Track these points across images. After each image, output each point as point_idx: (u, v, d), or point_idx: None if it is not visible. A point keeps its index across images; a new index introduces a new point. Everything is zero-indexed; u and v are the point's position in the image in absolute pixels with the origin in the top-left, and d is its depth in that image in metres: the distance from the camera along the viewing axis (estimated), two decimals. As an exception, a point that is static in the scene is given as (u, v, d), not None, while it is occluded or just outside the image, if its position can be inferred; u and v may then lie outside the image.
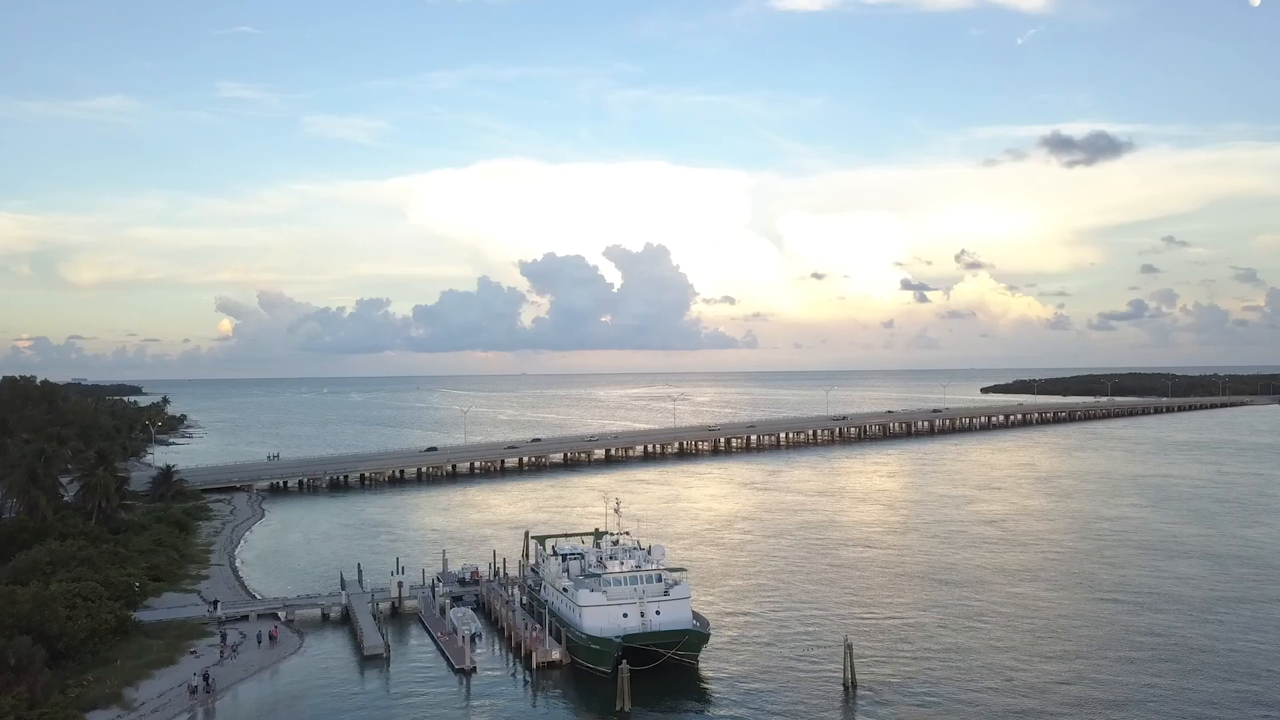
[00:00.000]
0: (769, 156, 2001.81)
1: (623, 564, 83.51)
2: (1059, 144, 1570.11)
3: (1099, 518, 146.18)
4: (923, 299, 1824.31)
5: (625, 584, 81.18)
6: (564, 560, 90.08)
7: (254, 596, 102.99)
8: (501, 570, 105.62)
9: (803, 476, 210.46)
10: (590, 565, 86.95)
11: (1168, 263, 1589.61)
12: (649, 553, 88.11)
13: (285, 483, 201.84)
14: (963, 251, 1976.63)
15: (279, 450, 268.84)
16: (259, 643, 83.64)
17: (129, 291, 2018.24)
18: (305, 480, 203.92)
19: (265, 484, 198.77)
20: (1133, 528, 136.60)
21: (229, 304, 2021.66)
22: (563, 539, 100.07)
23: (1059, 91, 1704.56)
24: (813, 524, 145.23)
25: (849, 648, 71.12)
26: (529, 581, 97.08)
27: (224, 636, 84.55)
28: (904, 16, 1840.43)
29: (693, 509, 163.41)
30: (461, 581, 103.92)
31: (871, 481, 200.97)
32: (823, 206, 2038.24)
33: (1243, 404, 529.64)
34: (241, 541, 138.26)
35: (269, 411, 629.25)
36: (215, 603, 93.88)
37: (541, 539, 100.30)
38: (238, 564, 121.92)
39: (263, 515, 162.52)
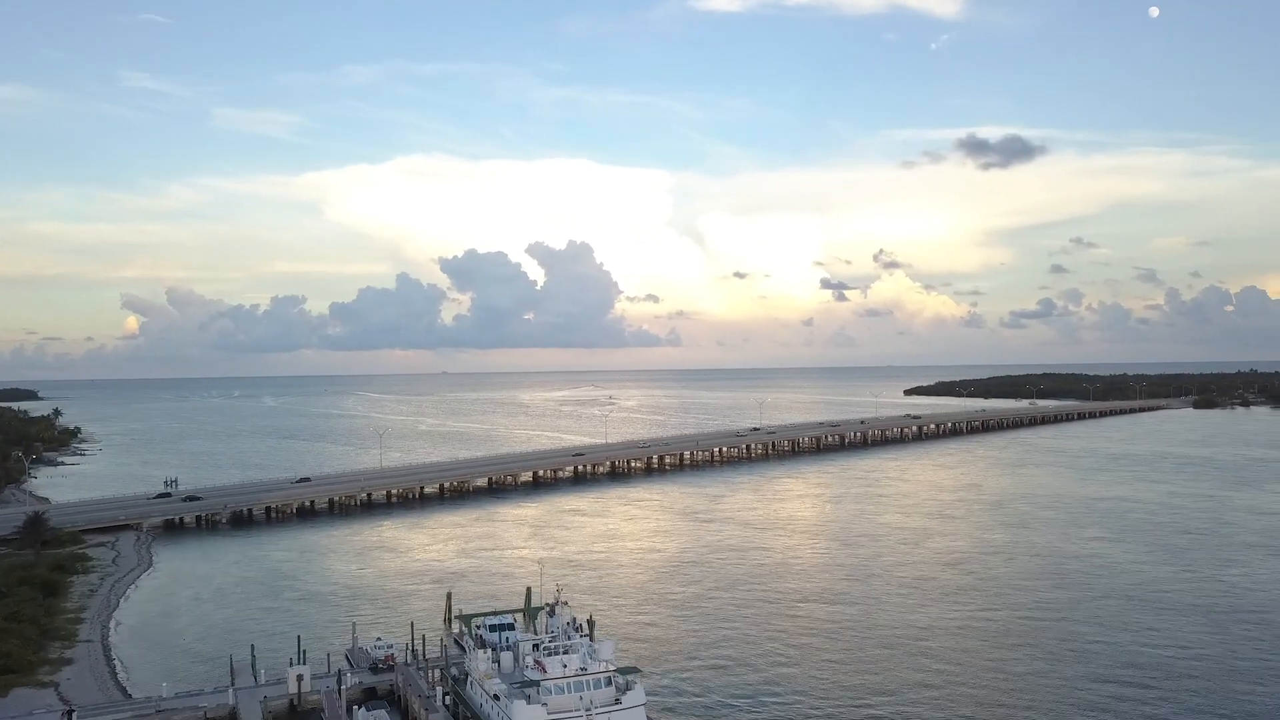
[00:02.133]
0: (691, 156, 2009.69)
1: (566, 665, 69.75)
2: (974, 147, 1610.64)
3: (1066, 555, 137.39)
4: (841, 298, 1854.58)
5: (569, 691, 67.77)
6: (494, 651, 76.22)
7: (123, 691, 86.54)
8: (421, 651, 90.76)
9: (746, 503, 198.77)
10: (526, 660, 73.11)
11: (1075, 263, 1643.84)
12: (594, 643, 74.47)
13: (181, 519, 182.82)
14: (880, 251, 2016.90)
15: (178, 474, 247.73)
16: (119, 771, 68.09)
17: (27, 288, 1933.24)
18: (203, 515, 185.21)
19: (158, 520, 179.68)
20: (1104, 569, 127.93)
21: (135, 301, 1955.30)
22: (492, 615, 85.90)
23: (974, 96, 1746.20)
24: (767, 569, 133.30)
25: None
26: (453, 670, 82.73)
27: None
28: (821, 19, 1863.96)
29: (633, 551, 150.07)
30: (374, 668, 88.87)
31: (818, 509, 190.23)
32: (744, 207, 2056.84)
33: (1159, 408, 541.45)
34: (121, 603, 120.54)
35: (174, 420, 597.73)
36: (70, 711, 77.47)
37: (467, 618, 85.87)
38: (111, 639, 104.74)
39: (150, 565, 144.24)
